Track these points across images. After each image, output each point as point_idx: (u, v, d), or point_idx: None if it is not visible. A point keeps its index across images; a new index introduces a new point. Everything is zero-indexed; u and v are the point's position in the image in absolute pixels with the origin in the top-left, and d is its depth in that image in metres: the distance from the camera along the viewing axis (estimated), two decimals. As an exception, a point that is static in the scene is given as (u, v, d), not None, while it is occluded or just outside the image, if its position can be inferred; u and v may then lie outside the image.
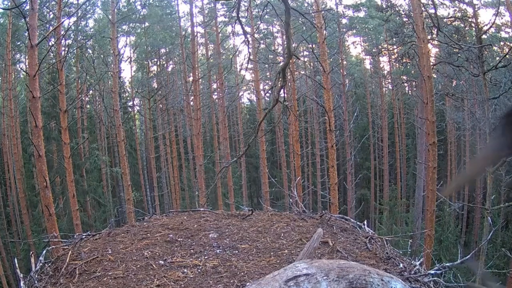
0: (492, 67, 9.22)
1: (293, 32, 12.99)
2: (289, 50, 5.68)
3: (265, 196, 15.80)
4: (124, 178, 13.82)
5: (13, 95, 18.48)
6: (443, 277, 2.79)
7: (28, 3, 7.66)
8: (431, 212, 9.66)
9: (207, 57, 24.41)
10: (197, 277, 2.49)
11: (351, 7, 22.76)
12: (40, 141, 7.11)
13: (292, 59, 6.08)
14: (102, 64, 20.13)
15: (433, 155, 9.59)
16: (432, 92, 9.69)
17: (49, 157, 14.93)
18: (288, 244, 3.09)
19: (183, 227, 3.45)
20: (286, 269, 1.94)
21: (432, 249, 9.63)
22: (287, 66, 5.63)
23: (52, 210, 7.28)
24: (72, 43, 18.05)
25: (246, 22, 16.34)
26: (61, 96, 11.72)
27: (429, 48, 10.54)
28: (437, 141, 10.21)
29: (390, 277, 1.96)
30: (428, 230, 9.48)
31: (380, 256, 2.92)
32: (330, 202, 10.44)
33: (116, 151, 22.96)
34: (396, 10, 17.90)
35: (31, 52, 7.00)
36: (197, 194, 15.62)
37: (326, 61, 10.48)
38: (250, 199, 23.90)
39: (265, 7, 7.99)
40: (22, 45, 19.78)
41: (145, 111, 25.08)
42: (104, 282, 2.49)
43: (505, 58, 9.61)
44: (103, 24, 21.87)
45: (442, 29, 9.66)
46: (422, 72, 9.79)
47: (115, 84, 14.31)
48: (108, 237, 3.31)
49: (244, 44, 6.60)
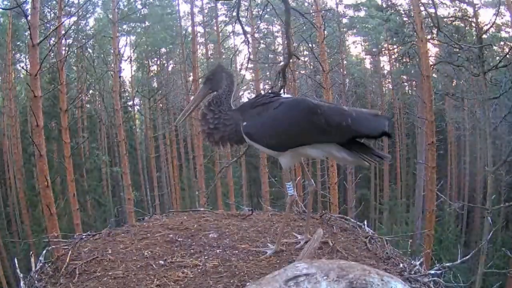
0: (493, 67, 9.23)
1: (293, 32, 12.98)
2: (289, 50, 5.68)
3: (265, 196, 15.81)
4: (125, 178, 13.84)
5: (13, 95, 18.47)
6: (443, 277, 2.80)
7: (29, 3, 7.68)
8: (431, 212, 9.67)
9: (207, 56, 24.41)
10: (197, 277, 2.49)
11: (351, 7, 22.79)
12: (41, 140, 7.12)
13: (292, 59, 6.08)
14: (102, 63, 20.13)
15: (432, 155, 9.61)
16: (431, 91, 9.71)
17: (50, 157, 14.91)
18: (288, 244, 3.09)
19: (183, 227, 3.46)
20: (286, 269, 1.95)
21: (432, 249, 9.64)
22: (287, 66, 5.63)
23: (53, 209, 7.29)
24: (72, 43, 18.06)
25: (246, 22, 16.35)
26: (62, 96, 11.73)
27: (428, 48, 10.53)
28: (437, 141, 10.24)
29: (390, 277, 1.97)
30: (428, 230, 9.49)
31: (380, 256, 2.92)
32: (330, 202, 10.45)
33: (116, 150, 22.95)
34: (396, 9, 17.91)
35: (33, 52, 7.01)
36: (197, 194, 15.64)
37: (326, 60, 10.51)
38: (250, 199, 23.89)
39: (265, 7, 7.99)
40: (22, 45, 19.79)
41: (145, 110, 25.08)
42: (104, 282, 2.50)
43: (505, 58, 9.60)
44: (103, 23, 21.87)
45: (442, 28, 9.65)
46: (421, 71, 9.81)
47: (116, 83, 14.32)
48: (108, 237, 3.31)
49: (244, 44, 6.62)
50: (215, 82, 2.79)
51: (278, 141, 2.62)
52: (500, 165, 10.56)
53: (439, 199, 11.59)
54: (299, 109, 2.61)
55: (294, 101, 2.70)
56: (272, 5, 6.71)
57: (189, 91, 20.42)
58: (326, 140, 2.60)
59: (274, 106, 2.64)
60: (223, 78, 2.78)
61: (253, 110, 2.69)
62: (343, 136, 2.55)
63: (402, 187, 23.76)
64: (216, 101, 2.76)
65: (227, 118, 2.73)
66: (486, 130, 9.73)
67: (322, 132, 2.54)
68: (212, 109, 2.75)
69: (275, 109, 2.63)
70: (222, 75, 2.79)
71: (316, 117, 2.52)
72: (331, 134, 2.54)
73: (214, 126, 2.73)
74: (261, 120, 2.64)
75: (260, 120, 2.65)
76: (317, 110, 2.53)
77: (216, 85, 2.79)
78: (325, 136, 2.56)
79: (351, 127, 2.49)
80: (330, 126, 2.51)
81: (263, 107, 2.68)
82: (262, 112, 2.66)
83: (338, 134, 2.54)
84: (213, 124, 2.73)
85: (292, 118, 2.60)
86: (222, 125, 2.72)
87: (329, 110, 2.58)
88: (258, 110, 2.68)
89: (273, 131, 2.62)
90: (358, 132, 2.55)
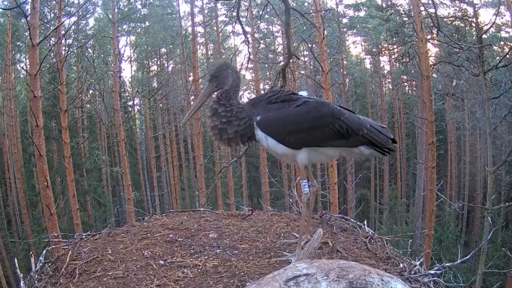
0: (492, 67, 9.21)
1: (293, 32, 12.98)
2: (289, 50, 5.69)
3: (265, 196, 15.81)
4: (125, 177, 13.83)
5: (13, 95, 18.47)
6: (443, 277, 2.80)
7: (29, 3, 7.68)
8: (431, 212, 9.66)
9: (207, 56, 24.42)
10: (197, 277, 2.49)
11: (351, 7, 22.80)
12: (41, 140, 7.12)
13: (292, 59, 6.08)
14: (102, 63, 20.13)
15: (432, 155, 9.59)
16: (431, 91, 9.69)
17: (50, 157, 14.93)
18: (288, 244, 3.09)
19: (183, 227, 3.46)
20: (286, 269, 1.95)
21: (432, 249, 9.64)
22: (287, 66, 5.64)
23: (53, 209, 7.28)
24: (72, 43, 18.07)
25: (246, 22, 16.34)
26: (62, 96, 11.73)
27: (428, 48, 10.52)
28: (437, 141, 10.23)
29: (390, 277, 1.97)
30: (428, 230, 9.48)
31: (380, 256, 2.92)
32: (330, 202, 10.45)
33: (116, 150, 22.96)
34: (396, 9, 17.91)
35: (32, 52, 7.01)
36: (197, 194, 15.63)
37: (326, 60, 10.48)
38: (250, 199, 23.90)
39: (265, 7, 7.99)
40: (22, 45, 19.79)
41: (145, 110, 25.09)
42: (104, 282, 2.50)
43: (505, 58, 9.60)
44: (103, 23, 21.88)
45: (442, 28, 9.65)
46: (421, 71, 9.81)
47: (116, 83, 14.32)
48: (108, 237, 3.31)
49: (244, 44, 6.62)
50: (221, 79, 2.74)
51: (296, 138, 2.61)
52: (500, 165, 10.55)
53: (439, 199, 11.59)
54: (323, 112, 2.64)
55: (319, 103, 2.73)
56: (272, 5, 6.72)
57: (189, 91, 20.42)
58: (341, 145, 2.73)
59: (296, 104, 2.64)
60: (228, 75, 2.73)
61: (271, 105, 2.66)
62: (358, 142, 2.74)
63: (402, 187, 23.76)
64: (225, 96, 2.70)
65: (240, 111, 2.67)
66: (486, 130, 9.73)
67: (341, 137, 2.66)
68: (223, 103, 2.68)
69: (298, 107, 2.63)
70: (228, 71, 2.75)
71: (338, 124, 2.63)
72: (349, 140, 2.68)
73: (227, 120, 2.66)
74: (281, 116, 2.62)
75: (279, 115, 2.61)
76: (341, 117, 2.64)
77: (222, 82, 2.73)
78: (343, 141, 2.69)
79: (366, 136, 2.70)
80: (348, 133, 2.65)
81: (283, 103, 2.65)
82: (282, 108, 2.64)
83: (354, 141, 2.70)
84: (226, 118, 2.66)
85: (315, 120, 2.62)
86: (235, 118, 2.66)
87: (350, 117, 2.70)
88: (278, 106, 2.65)
89: (293, 128, 2.60)
90: (372, 141, 2.74)
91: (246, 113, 2.66)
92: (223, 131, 2.68)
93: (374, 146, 2.78)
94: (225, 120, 2.66)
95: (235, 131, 2.67)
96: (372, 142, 2.74)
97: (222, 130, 2.68)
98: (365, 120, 2.76)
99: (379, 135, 2.74)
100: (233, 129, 2.66)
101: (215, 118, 2.69)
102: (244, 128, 2.66)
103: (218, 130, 2.69)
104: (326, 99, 10.18)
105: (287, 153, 2.69)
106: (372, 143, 2.76)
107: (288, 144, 2.63)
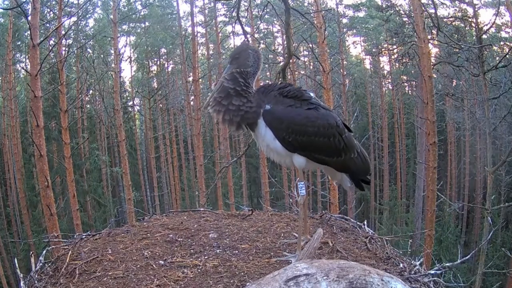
0: (492, 67, 9.21)
1: (293, 32, 12.98)
2: (289, 50, 5.69)
3: (265, 196, 15.81)
4: (125, 178, 13.85)
5: (13, 95, 18.47)
6: (443, 277, 2.80)
7: (29, 3, 7.68)
8: (431, 212, 9.66)
9: (207, 57, 24.41)
10: (197, 277, 2.49)
11: (351, 7, 22.80)
12: (42, 140, 7.12)
13: (292, 59, 6.08)
14: (102, 64, 20.14)
15: (433, 155, 9.59)
16: (432, 92, 9.69)
17: (50, 157, 14.92)
18: (288, 244, 3.09)
19: (183, 227, 3.46)
20: (286, 269, 1.95)
21: (432, 249, 9.63)
22: (287, 66, 5.64)
23: (54, 210, 7.29)
24: (72, 43, 18.07)
25: (246, 22, 16.36)
26: (62, 96, 11.74)
27: (429, 48, 10.53)
28: (437, 141, 10.21)
29: (390, 277, 1.97)
30: (428, 230, 9.48)
31: (380, 256, 2.92)
32: (330, 202, 10.44)
33: (116, 151, 22.98)
34: (396, 10, 17.91)
35: (33, 52, 7.01)
36: (197, 194, 15.63)
37: (326, 61, 10.47)
38: (250, 199, 23.90)
39: (265, 7, 8.00)
40: (22, 45, 19.80)
41: (145, 111, 25.09)
42: (104, 282, 2.50)
43: (505, 58, 9.59)
44: (103, 24, 21.88)
45: (442, 29, 9.65)
46: (422, 72, 9.79)
47: (116, 83, 14.33)
48: (108, 237, 3.31)
49: (244, 44, 6.60)
50: (241, 61, 2.64)
51: (294, 139, 2.58)
52: (500, 165, 10.55)
53: (439, 199, 11.58)
54: (330, 123, 2.66)
55: (328, 112, 2.73)
56: (272, 5, 6.72)
57: (189, 91, 20.42)
58: (329, 161, 2.77)
59: (308, 107, 2.63)
60: (249, 55, 2.66)
61: (282, 98, 2.62)
62: (345, 166, 2.86)
63: (402, 187, 23.75)
64: (244, 76, 2.62)
65: (252, 95, 2.62)
66: (486, 130, 9.72)
67: (335, 153, 2.73)
68: (241, 82, 2.60)
69: (309, 110, 2.63)
70: (249, 52, 2.67)
71: (338, 139, 2.70)
72: (339, 157, 2.76)
73: (240, 101, 2.58)
74: (290, 113, 2.59)
75: (289, 112, 2.59)
76: (342, 134, 2.72)
77: (243, 63, 2.64)
78: (335, 157, 2.76)
79: (354, 159, 2.83)
80: (344, 152, 2.75)
81: (295, 100, 2.63)
82: (293, 105, 2.61)
83: (344, 160, 2.79)
84: (239, 99, 2.58)
85: (321, 128, 2.63)
86: (246, 100, 2.59)
87: (349, 137, 2.80)
88: (290, 101, 2.62)
89: (297, 129, 2.57)
90: (353, 167, 2.87)
91: (255, 99, 2.61)
92: (229, 109, 2.59)
93: (353, 175, 2.93)
94: (237, 101, 2.58)
95: (243, 113, 2.58)
96: (353, 170, 2.88)
97: (228, 108, 2.59)
98: (357, 145, 2.89)
99: (365, 163, 2.89)
100: (241, 111, 2.58)
101: (225, 95, 2.60)
102: (251, 112, 2.58)
103: (224, 107, 2.59)
104: (327, 99, 10.18)
105: (280, 152, 2.66)
106: (352, 172, 2.90)
107: (284, 143, 2.60)
